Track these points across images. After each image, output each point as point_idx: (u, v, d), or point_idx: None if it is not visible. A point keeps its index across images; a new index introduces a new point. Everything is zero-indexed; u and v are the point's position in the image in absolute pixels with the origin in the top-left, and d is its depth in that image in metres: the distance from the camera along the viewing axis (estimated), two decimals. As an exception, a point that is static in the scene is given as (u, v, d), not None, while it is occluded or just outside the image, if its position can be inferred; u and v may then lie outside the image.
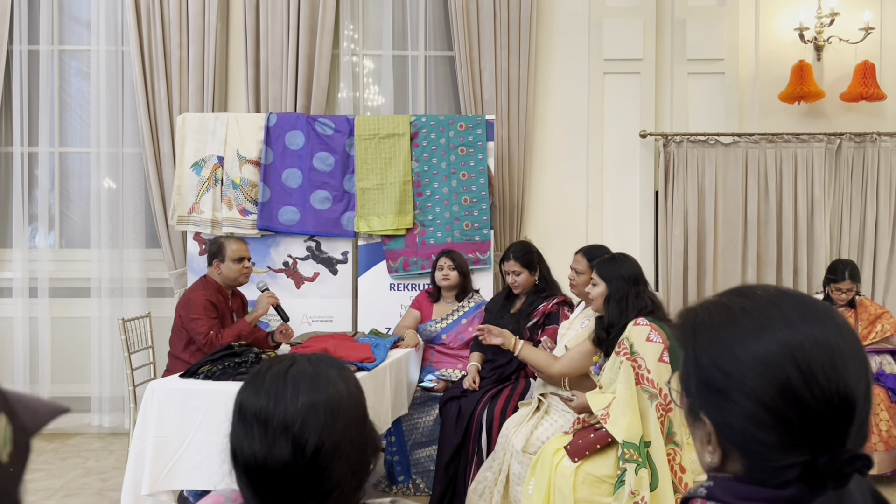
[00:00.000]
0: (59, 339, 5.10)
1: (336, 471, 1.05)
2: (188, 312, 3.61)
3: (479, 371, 3.84)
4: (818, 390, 0.79)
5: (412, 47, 5.25)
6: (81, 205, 5.27)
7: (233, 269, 3.73)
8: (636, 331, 2.73)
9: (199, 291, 3.66)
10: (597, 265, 3.03)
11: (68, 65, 5.29)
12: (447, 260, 4.15)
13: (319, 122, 4.66)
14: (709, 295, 0.99)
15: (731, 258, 5.01)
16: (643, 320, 2.75)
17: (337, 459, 1.05)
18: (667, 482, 2.56)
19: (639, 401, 2.64)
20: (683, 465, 2.63)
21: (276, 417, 1.06)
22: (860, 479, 0.77)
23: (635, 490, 2.52)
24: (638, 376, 2.66)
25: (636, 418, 2.61)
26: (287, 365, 1.12)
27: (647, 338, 2.70)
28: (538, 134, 5.22)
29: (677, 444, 2.64)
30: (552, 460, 2.75)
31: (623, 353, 2.71)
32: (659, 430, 2.60)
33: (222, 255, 3.73)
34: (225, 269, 3.73)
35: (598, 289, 2.98)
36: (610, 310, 2.90)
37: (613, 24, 5.16)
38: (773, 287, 0.89)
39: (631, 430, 2.60)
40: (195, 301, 3.62)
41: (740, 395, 0.82)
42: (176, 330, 3.73)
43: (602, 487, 2.66)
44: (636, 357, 2.68)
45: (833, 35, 5.13)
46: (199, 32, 4.98)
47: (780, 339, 0.82)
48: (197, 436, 2.83)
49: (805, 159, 5.06)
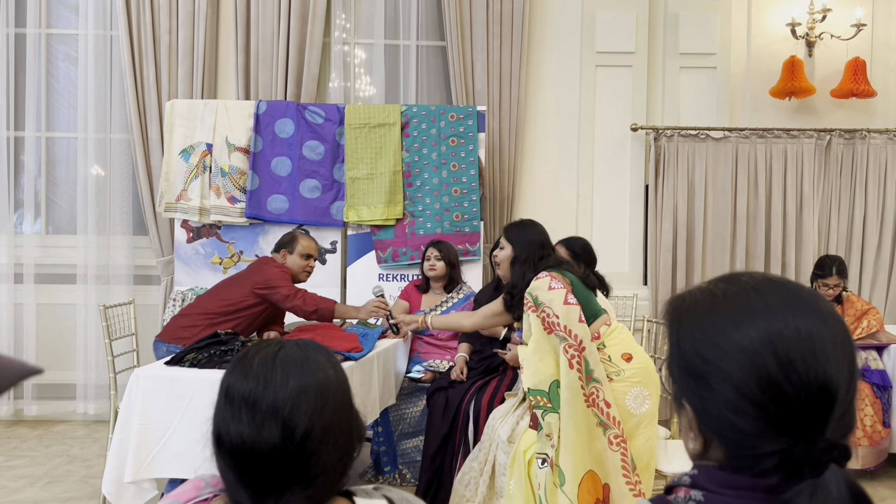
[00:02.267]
0: (45, 325, 5.06)
1: (323, 456, 1.05)
2: (268, 280, 3.60)
3: (466, 362, 3.84)
4: (796, 378, 0.79)
5: (404, 37, 5.21)
6: (68, 191, 5.22)
7: (298, 263, 3.77)
8: (537, 284, 2.79)
9: (277, 267, 3.70)
10: (505, 229, 3.12)
11: (56, 49, 5.23)
12: (434, 250, 4.14)
13: (309, 110, 4.63)
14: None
15: (720, 252, 5.02)
16: (542, 273, 2.82)
17: (325, 444, 1.05)
18: (574, 419, 2.59)
19: (551, 348, 2.70)
20: (608, 400, 2.66)
21: (266, 400, 1.04)
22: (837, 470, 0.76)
23: (549, 433, 2.61)
24: (548, 325, 2.71)
25: (543, 366, 2.69)
26: (276, 349, 1.11)
27: (549, 286, 2.75)
28: (529, 126, 5.20)
29: (598, 381, 2.67)
30: (525, 453, 2.77)
31: (529, 307, 2.78)
32: (569, 370, 2.63)
33: (293, 247, 3.78)
34: (290, 262, 3.77)
35: (504, 252, 3.05)
36: (514, 272, 2.99)
37: (606, 17, 5.15)
38: (759, 274, 0.88)
39: (537, 376, 2.68)
40: (274, 271, 3.64)
41: (718, 381, 0.82)
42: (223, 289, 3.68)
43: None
44: (542, 307, 2.74)
45: (825, 31, 5.14)
46: (189, 18, 4.93)
47: (760, 327, 0.81)
48: (181, 424, 2.81)
49: (795, 155, 5.07)
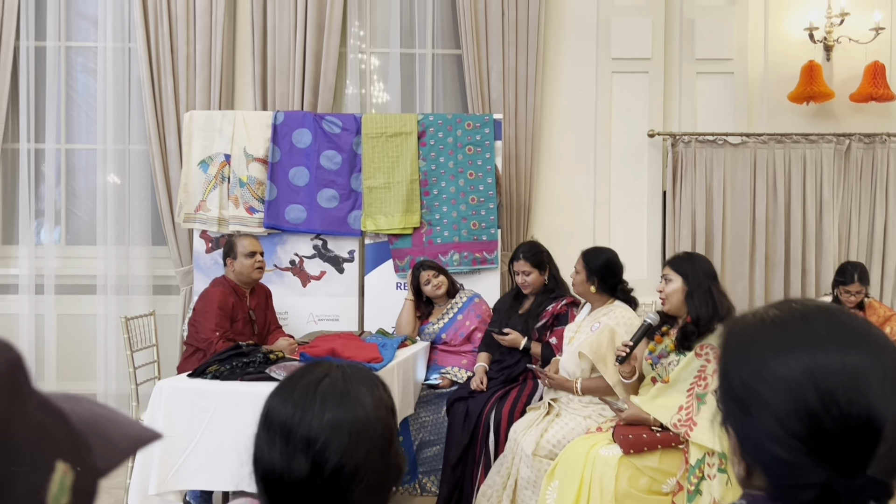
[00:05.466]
0: (65, 336, 5.09)
1: (354, 493, 1.03)
2: (203, 306, 3.65)
3: (486, 372, 3.83)
4: (836, 411, 0.78)
5: (420, 45, 5.22)
6: (88, 201, 5.26)
7: (245, 264, 3.78)
8: None
9: (218, 288, 3.71)
10: (670, 261, 2.96)
11: (75, 61, 5.28)
12: (428, 271, 4.15)
13: (327, 120, 4.65)
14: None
15: (739, 259, 4.99)
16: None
17: (356, 483, 1.03)
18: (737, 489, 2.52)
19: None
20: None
21: (300, 431, 1.04)
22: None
23: (719, 500, 2.49)
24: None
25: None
26: (320, 376, 1.09)
27: None
28: (546, 133, 5.19)
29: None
30: (587, 454, 2.73)
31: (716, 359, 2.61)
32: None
33: (234, 252, 3.80)
34: (238, 266, 3.78)
35: (673, 284, 2.88)
36: (696, 303, 2.80)
37: (622, 23, 5.13)
38: (813, 302, 0.87)
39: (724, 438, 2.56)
40: (211, 296, 3.67)
41: (759, 409, 0.82)
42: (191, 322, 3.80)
43: (641, 480, 2.65)
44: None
45: (843, 35, 5.10)
46: (207, 29, 4.96)
47: (802, 358, 0.81)
48: (205, 436, 2.82)
49: (814, 160, 5.03)
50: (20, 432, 0.54)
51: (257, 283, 3.99)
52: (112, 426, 0.61)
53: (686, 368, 2.71)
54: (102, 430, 0.60)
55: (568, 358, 3.33)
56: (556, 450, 3.06)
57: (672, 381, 2.73)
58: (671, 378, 2.74)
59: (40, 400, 0.57)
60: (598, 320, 3.29)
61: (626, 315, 3.28)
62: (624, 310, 3.31)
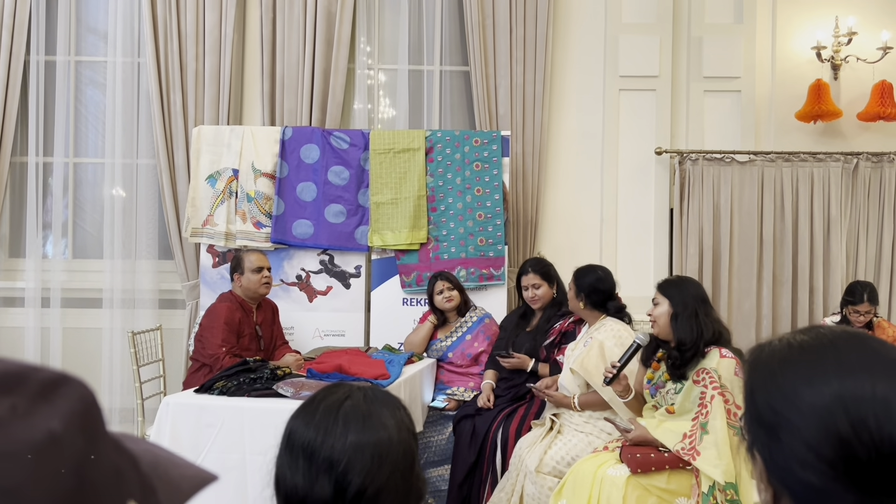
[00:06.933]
0: (71, 349, 5.08)
1: None
2: (210, 321, 3.64)
3: (493, 389, 3.81)
4: (867, 438, 0.77)
5: (427, 62, 5.24)
6: (95, 215, 5.27)
7: (252, 279, 3.79)
8: (724, 364, 2.61)
9: (224, 303, 3.71)
10: (659, 285, 2.92)
11: (84, 75, 5.30)
12: (445, 283, 4.13)
13: (335, 135, 4.66)
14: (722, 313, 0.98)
15: (747, 277, 4.97)
16: (728, 352, 2.64)
17: None
18: None
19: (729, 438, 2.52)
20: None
21: (323, 453, 1.03)
22: None
23: None
24: (728, 413, 2.54)
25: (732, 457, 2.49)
26: (342, 398, 1.09)
27: (734, 372, 2.58)
28: (553, 150, 5.20)
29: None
30: (595, 473, 2.71)
31: (711, 385, 2.60)
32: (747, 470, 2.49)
33: (241, 267, 3.81)
34: (245, 281, 3.79)
35: (661, 307, 2.82)
36: (680, 327, 2.74)
37: (629, 41, 5.15)
38: (840, 328, 0.87)
39: (729, 470, 2.48)
40: (218, 311, 3.66)
41: (788, 435, 0.81)
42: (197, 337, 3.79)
43: (649, 500, 2.63)
44: (725, 391, 2.56)
45: (850, 54, 5.11)
46: (216, 45, 4.99)
47: (833, 385, 0.80)
48: (211, 451, 2.81)
49: (821, 178, 5.03)
50: (100, 475, 0.54)
51: (264, 298, 3.99)
52: (173, 468, 0.61)
53: (688, 399, 2.69)
54: (164, 471, 0.60)
55: (565, 375, 3.36)
56: (560, 467, 3.06)
57: (677, 413, 2.72)
58: (676, 410, 2.73)
59: (114, 442, 0.57)
60: (591, 336, 3.31)
61: (616, 328, 3.29)
62: (614, 323, 3.32)
